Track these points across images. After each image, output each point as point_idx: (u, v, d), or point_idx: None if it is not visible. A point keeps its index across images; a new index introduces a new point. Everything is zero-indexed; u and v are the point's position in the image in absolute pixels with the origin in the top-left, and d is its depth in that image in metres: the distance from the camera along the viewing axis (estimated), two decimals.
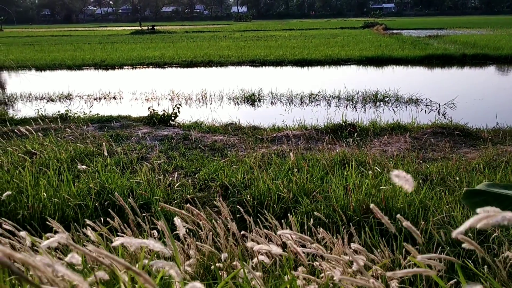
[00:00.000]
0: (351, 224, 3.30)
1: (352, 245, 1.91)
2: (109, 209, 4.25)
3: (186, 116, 9.24)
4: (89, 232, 2.37)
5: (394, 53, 20.24)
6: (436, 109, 10.35)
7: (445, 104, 10.58)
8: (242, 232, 2.77)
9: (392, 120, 8.36)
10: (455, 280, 2.29)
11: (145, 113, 9.06)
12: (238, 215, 4.24)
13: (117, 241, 1.03)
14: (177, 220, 1.94)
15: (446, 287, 1.56)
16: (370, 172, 4.75)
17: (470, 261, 3.13)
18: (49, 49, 27.96)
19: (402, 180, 0.89)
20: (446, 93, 11.55)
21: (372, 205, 1.49)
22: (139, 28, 55.02)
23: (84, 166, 4.40)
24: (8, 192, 3.16)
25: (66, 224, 3.90)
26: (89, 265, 2.19)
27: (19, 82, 17.24)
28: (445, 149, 6.55)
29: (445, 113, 9.88)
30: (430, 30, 44.27)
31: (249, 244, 1.75)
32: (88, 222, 2.58)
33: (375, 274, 2.15)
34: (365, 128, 7.85)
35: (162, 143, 7.12)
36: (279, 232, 1.81)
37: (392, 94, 11.57)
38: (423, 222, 3.58)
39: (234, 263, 2.36)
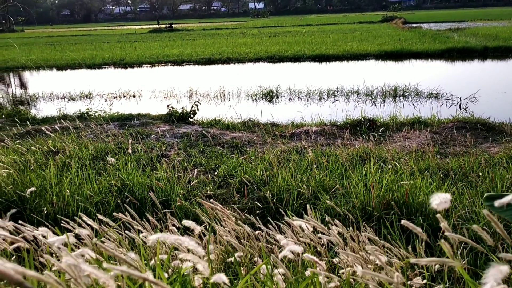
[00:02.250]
0: (368, 220, 3.27)
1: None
2: (128, 206, 4.31)
3: (204, 113, 9.28)
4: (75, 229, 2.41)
5: (414, 47, 19.96)
6: (457, 103, 10.19)
7: (466, 98, 10.41)
8: (257, 230, 2.78)
9: (412, 115, 8.26)
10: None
11: (164, 110, 9.14)
12: (258, 211, 4.26)
13: (153, 236, 1.05)
14: (186, 222, 1.95)
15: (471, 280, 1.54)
16: (389, 167, 4.71)
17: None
18: (69, 48, 28.37)
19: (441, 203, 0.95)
20: (468, 87, 11.36)
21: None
22: (157, 26, 55.40)
23: (113, 159, 4.47)
24: (33, 188, 3.23)
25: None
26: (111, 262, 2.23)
27: (40, 82, 17.56)
28: (466, 143, 6.44)
29: (467, 107, 9.73)
30: (451, 23, 43.50)
31: (278, 236, 1.76)
32: (84, 218, 2.55)
33: (397, 270, 2.14)
34: (384, 124, 7.77)
35: (181, 140, 7.17)
36: (311, 222, 1.81)
37: (412, 89, 11.43)
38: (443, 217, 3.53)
39: (255, 259, 2.37)
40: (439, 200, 0.94)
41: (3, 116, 9.79)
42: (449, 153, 6.04)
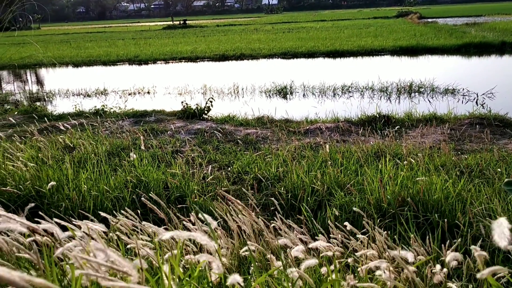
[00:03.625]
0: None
1: None
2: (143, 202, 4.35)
3: (218, 109, 9.30)
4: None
5: (429, 42, 19.73)
6: (474, 99, 10.05)
7: (483, 94, 10.26)
8: (273, 224, 2.78)
9: (427, 111, 8.18)
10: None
11: (178, 107, 9.18)
12: (272, 208, 4.26)
13: (166, 234, 1.06)
14: (202, 215, 1.97)
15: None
16: (405, 163, 4.67)
17: None
18: (84, 45, 28.65)
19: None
20: (485, 82, 11.20)
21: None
22: (171, 23, 55.60)
23: (134, 155, 4.52)
24: (53, 183, 3.28)
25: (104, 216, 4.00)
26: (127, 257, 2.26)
27: (56, 79, 17.77)
28: (484, 140, 6.36)
29: (484, 103, 9.58)
30: (467, 17, 42.90)
31: (281, 241, 1.76)
32: (95, 220, 2.57)
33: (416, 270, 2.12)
34: (400, 120, 7.71)
35: (196, 136, 7.20)
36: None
37: (427, 85, 11.31)
38: (459, 214, 3.50)
39: (268, 256, 2.38)
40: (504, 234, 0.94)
41: (21, 112, 9.94)
42: (465, 150, 5.97)
